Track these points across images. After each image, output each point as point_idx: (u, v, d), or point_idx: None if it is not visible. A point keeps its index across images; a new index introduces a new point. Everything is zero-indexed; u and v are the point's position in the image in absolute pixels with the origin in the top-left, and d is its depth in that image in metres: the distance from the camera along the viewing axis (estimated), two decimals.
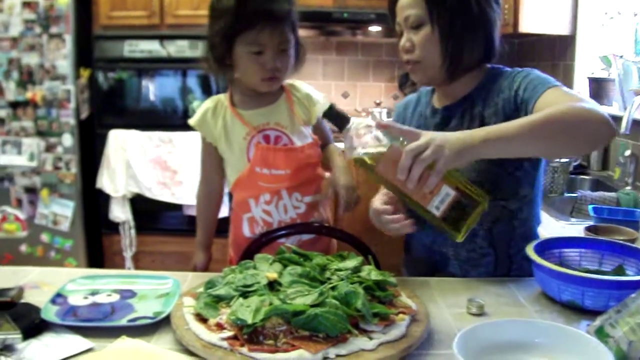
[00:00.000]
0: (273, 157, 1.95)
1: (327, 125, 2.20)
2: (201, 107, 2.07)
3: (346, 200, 1.99)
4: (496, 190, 1.73)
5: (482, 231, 1.79)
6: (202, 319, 1.36)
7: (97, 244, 4.70)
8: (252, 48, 1.86)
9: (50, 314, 1.45)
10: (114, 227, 4.57)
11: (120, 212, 4.49)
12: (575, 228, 2.52)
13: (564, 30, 4.20)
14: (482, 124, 1.74)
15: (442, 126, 1.85)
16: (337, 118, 1.44)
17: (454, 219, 1.40)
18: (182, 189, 4.37)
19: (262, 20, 1.83)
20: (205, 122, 2.03)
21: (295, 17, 1.93)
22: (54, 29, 4.33)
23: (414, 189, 1.37)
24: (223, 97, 2.07)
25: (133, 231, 4.56)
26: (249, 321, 1.24)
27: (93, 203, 4.62)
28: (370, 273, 1.47)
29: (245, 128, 1.98)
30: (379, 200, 1.79)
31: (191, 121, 2.06)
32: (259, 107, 2.01)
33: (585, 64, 4.12)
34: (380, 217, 1.75)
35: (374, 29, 4.88)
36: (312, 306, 1.27)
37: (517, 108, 1.70)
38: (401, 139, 1.44)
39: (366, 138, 1.43)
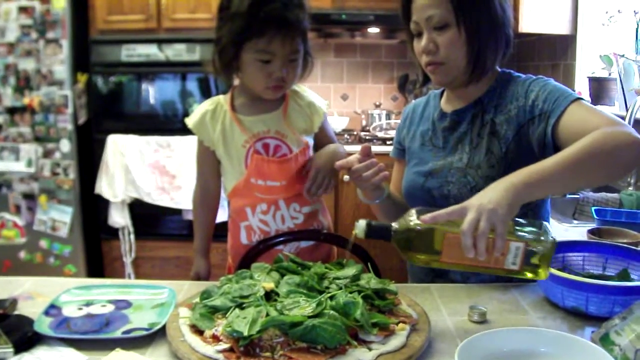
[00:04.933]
0: (268, 168, 1.91)
1: (332, 129, 2.14)
2: (199, 109, 2.02)
3: (312, 182, 1.92)
4: None
5: None
6: (198, 331, 1.34)
7: (96, 249, 4.68)
8: (260, 56, 1.81)
9: (44, 326, 1.42)
10: (113, 233, 4.54)
11: (119, 217, 4.46)
12: (578, 230, 2.49)
13: (564, 29, 4.17)
14: (493, 130, 1.75)
15: (450, 130, 1.85)
16: (378, 232, 1.36)
17: (529, 266, 1.34)
18: (181, 193, 4.34)
19: (274, 28, 1.76)
20: (204, 125, 1.99)
21: (307, 26, 1.86)
22: (50, 34, 4.31)
23: (485, 259, 1.31)
24: (223, 100, 2.01)
25: (132, 236, 4.53)
26: (245, 333, 1.22)
27: (92, 208, 4.59)
28: (370, 281, 1.45)
29: (245, 135, 1.94)
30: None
31: (189, 123, 2.01)
32: (260, 114, 1.97)
33: (586, 64, 4.10)
34: (353, 176, 1.73)
35: (373, 30, 4.84)
36: (310, 317, 1.25)
37: (532, 118, 1.68)
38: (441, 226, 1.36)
39: (414, 240, 1.36)
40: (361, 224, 1.44)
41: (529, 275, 1.36)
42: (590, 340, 1.28)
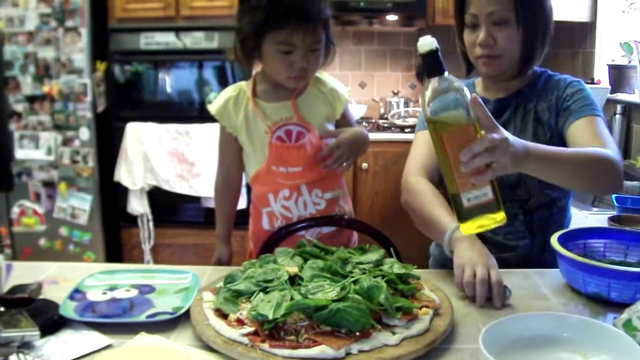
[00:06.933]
0: (287, 154, 1.92)
1: (353, 116, 2.14)
2: (222, 95, 2.03)
3: (330, 152, 1.90)
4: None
5: (522, 216, 1.89)
6: (222, 315, 1.35)
7: (115, 237, 4.71)
8: (281, 47, 1.82)
9: (69, 310, 1.44)
10: (132, 220, 4.57)
11: (138, 205, 4.48)
12: (598, 218, 2.50)
13: (583, 17, 4.15)
14: (537, 117, 1.88)
15: (493, 116, 1.85)
16: (434, 63, 1.29)
17: (471, 214, 1.37)
18: (199, 181, 4.36)
19: (295, 21, 1.78)
20: (227, 112, 2.00)
21: (328, 14, 1.88)
22: (69, 23, 4.33)
23: (469, 174, 1.33)
24: (245, 86, 2.02)
25: (151, 224, 4.55)
26: (270, 317, 1.22)
27: (111, 196, 4.61)
28: (393, 266, 1.46)
29: (267, 121, 1.95)
30: None
31: (211, 109, 2.02)
32: (283, 100, 1.97)
33: (606, 51, 4.08)
34: None
35: (391, 18, 4.82)
36: (334, 301, 1.26)
37: (559, 110, 1.86)
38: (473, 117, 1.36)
39: (448, 98, 1.34)
40: (430, 41, 1.35)
41: (460, 217, 1.40)
42: (613, 325, 1.28)
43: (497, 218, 1.38)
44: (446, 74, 1.35)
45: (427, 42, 1.34)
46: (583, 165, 1.58)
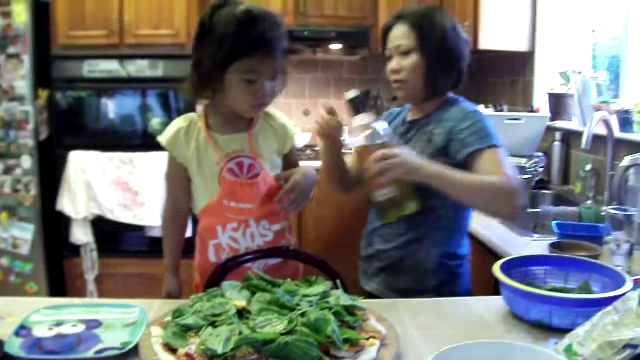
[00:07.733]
0: (241, 190, 1.93)
1: (296, 152, 2.19)
2: (172, 126, 2.02)
3: (286, 194, 1.95)
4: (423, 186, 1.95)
5: (410, 217, 2.05)
6: (171, 349, 1.34)
7: (57, 267, 4.63)
8: (248, 76, 1.84)
9: (15, 347, 1.42)
10: (75, 250, 4.50)
11: (81, 234, 4.43)
12: (538, 244, 2.54)
13: (522, 46, 4.27)
14: (430, 138, 2.10)
15: (404, 134, 2.21)
16: (354, 107, 1.95)
17: (386, 208, 1.97)
18: (143, 210, 4.33)
19: (264, 48, 1.82)
20: (178, 142, 1.99)
21: (285, 44, 1.91)
22: (11, 49, 4.28)
23: (371, 178, 1.83)
24: (196, 118, 2.02)
25: (95, 253, 4.50)
26: (219, 351, 1.23)
27: (53, 225, 4.55)
28: (339, 298, 1.47)
29: (219, 153, 1.95)
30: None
31: (162, 140, 2.00)
32: (235, 132, 1.99)
33: (545, 80, 4.18)
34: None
35: (335, 46, 4.88)
36: (282, 334, 1.27)
37: (455, 139, 2.03)
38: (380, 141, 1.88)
39: (364, 130, 1.90)
40: (353, 91, 1.96)
41: (379, 211, 2.08)
42: (554, 351, 1.31)
43: (407, 209, 1.96)
44: (362, 114, 1.93)
45: (351, 92, 1.95)
46: (477, 189, 1.88)
